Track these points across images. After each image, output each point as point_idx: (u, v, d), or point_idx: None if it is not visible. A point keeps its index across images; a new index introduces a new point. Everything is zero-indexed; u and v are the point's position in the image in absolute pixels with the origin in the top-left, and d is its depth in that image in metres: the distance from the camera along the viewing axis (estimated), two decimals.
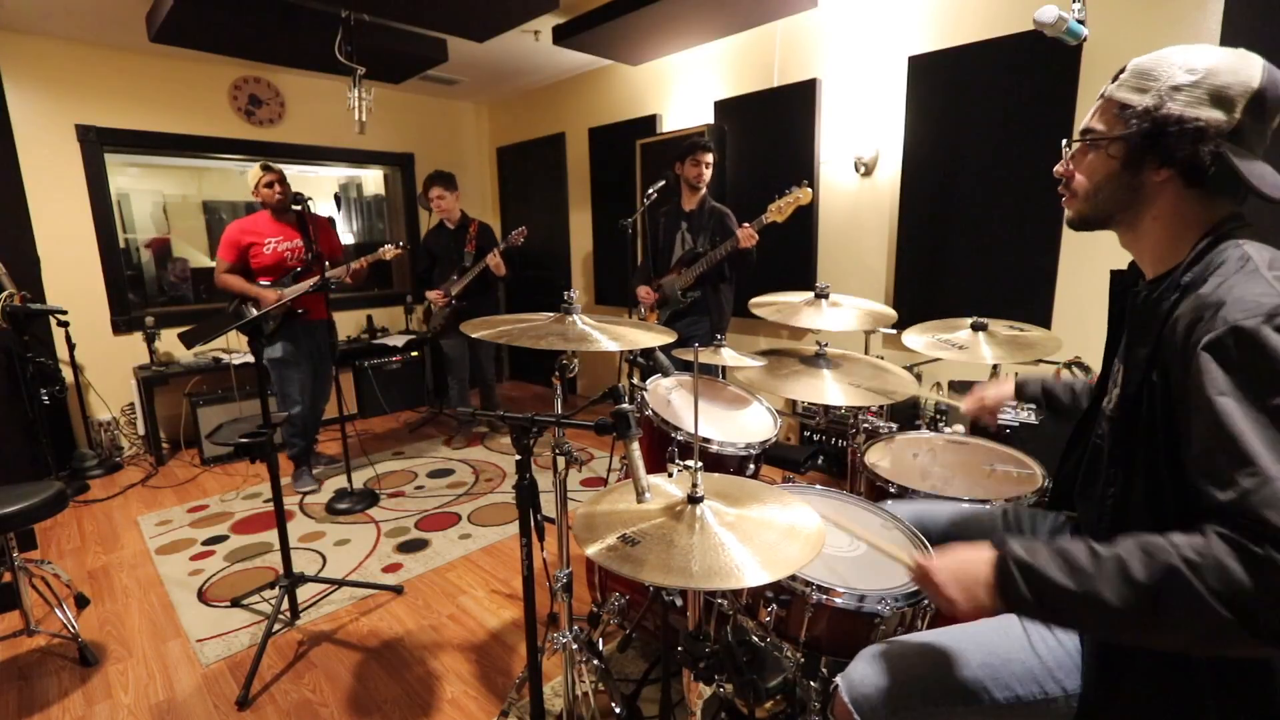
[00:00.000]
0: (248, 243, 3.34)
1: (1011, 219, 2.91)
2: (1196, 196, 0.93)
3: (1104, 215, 1.01)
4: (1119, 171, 0.96)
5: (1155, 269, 1.00)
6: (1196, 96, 0.87)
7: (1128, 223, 1.00)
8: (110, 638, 2.33)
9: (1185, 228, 0.95)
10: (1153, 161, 0.92)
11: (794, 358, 1.98)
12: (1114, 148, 0.95)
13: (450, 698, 1.99)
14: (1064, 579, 0.82)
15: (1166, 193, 0.94)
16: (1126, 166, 0.95)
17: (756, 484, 1.30)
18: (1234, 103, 0.86)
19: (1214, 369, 0.80)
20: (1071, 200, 1.05)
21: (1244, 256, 0.87)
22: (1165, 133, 0.89)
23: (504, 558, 2.83)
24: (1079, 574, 0.81)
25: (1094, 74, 2.60)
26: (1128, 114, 0.93)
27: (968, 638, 1.08)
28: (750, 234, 2.95)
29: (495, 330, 1.46)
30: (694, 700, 1.24)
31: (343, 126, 4.91)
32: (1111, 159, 0.96)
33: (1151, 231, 0.98)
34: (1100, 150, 0.98)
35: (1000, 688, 1.01)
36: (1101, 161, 0.98)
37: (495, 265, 3.96)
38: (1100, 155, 0.98)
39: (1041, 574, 0.83)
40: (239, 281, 3.35)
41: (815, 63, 3.57)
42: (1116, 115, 0.95)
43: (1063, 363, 2.68)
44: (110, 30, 3.77)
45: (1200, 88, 0.87)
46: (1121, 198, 0.98)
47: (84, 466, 3.91)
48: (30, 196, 3.81)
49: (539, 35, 4.00)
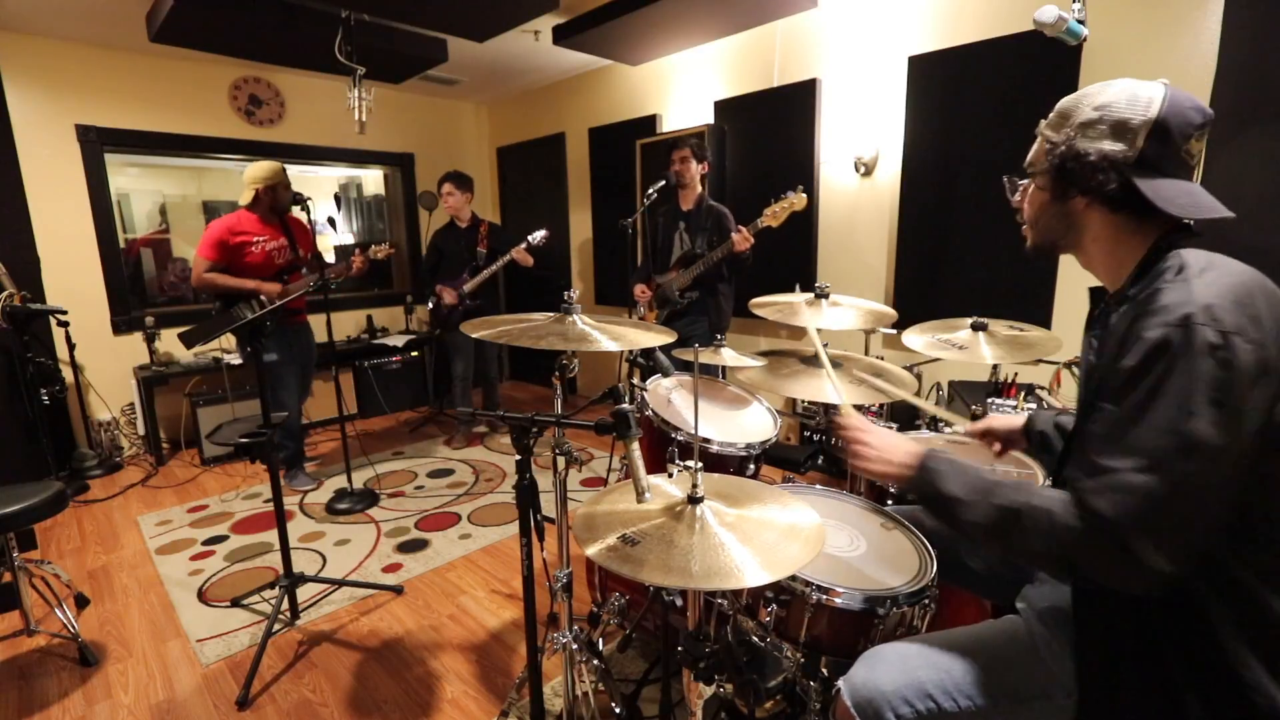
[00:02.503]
0: (237, 242, 3.26)
1: (1012, 219, 2.86)
2: (1127, 218, 0.98)
3: (1049, 242, 1.10)
4: (1050, 202, 1.05)
5: (1111, 285, 1.05)
6: (1100, 131, 0.95)
7: (1073, 247, 1.07)
8: (110, 638, 2.33)
9: (1125, 245, 1.00)
10: (1071, 191, 1.00)
11: (794, 358, 1.98)
12: (1041, 180, 1.05)
13: (450, 698, 1.99)
14: (954, 488, 0.99)
15: (1094, 217, 1.00)
16: (1055, 198, 1.03)
17: (756, 484, 1.30)
18: (1135, 133, 0.93)
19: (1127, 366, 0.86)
20: (1026, 230, 1.15)
21: (1180, 266, 0.90)
22: (1067, 167, 0.98)
23: (504, 558, 2.83)
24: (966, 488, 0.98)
25: (1094, 74, 2.60)
26: (1047, 150, 1.02)
27: (970, 640, 1.08)
28: (745, 237, 2.95)
29: (495, 330, 1.46)
30: (694, 700, 1.24)
31: (343, 126, 4.91)
32: (1042, 191, 1.06)
33: (1096, 253, 1.04)
34: (1036, 184, 1.08)
35: (1001, 689, 1.02)
36: (1037, 194, 1.08)
37: (521, 258, 4.01)
38: (1035, 189, 1.09)
39: (940, 474, 1.02)
40: (229, 280, 3.26)
41: (815, 63, 3.57)
42: (1042, 152, 1.04)
43: (1063, 363, 2.68)
44: (110, 30, 3.77)
45: (1103, 123, 0.95)
46: (1057, 225, 1.06)
47: (84, 466, 3.91)
48: (30, 196, 3.81)
49: (539, 35, 4.00)
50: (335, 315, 3.65)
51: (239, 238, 3.29)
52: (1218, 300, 0.82)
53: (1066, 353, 2.63)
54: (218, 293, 3.30)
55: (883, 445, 1.14)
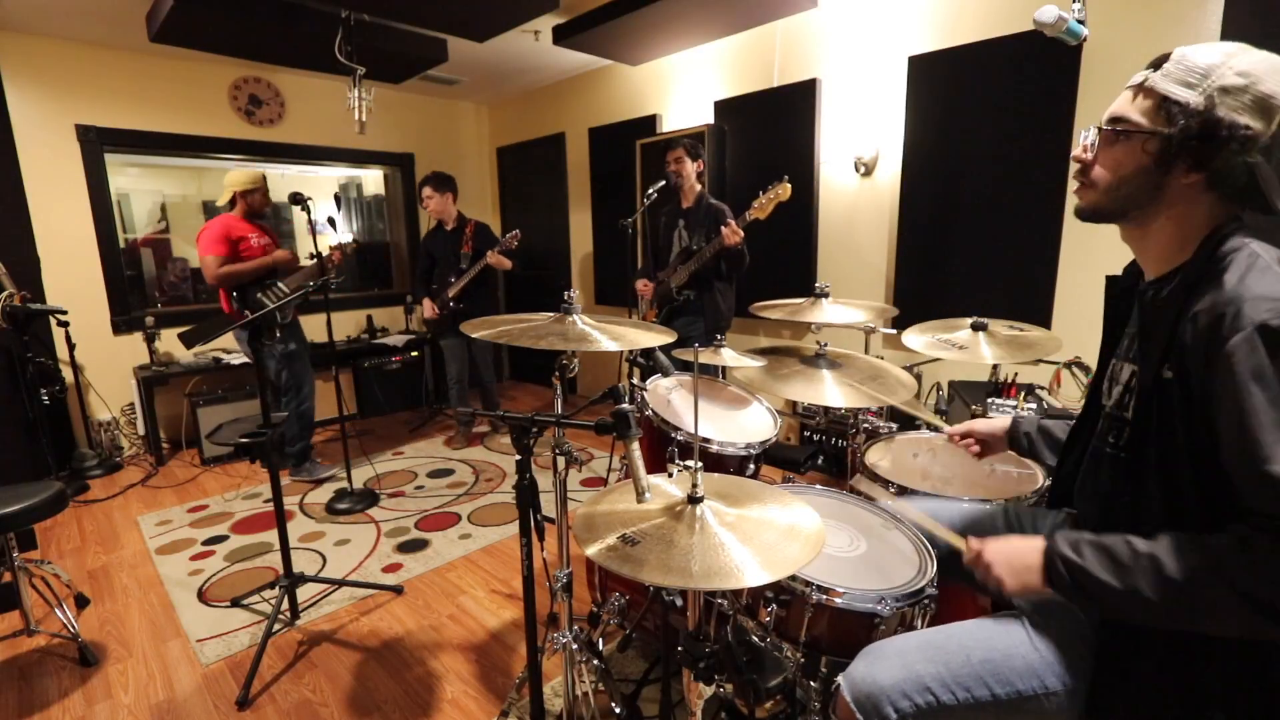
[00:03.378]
0: (237, 236, 3.41)
1: (1011, 219, 2.91)
2: (1212, 199, 0.91)
3: (1119, 210, 0.98)
4: (1149, 168, 0.91)
5: (1159, 268, 1.00)
6: (1244, 102, 0.84)
7: (1139, 220, 0.98)
8: (110, 638, 2.33)
9: (1193, 228, 0.94)
10: (1187, 162, 0.88)
11: (794, 358, 1.98)
12: (1151, 144, 0.90)
13: (450, 698, 1.99)
14: (1106, 575, 0.87)
15: (1188, 195, 0.92)
16: (1159, 165, 0.90)
17: (756, 484, 1.30)
18: (1274, 113, 0.84)
19: (1242, 368, 0.80)
20: (1086, 191, 1.01)
21: (1253, 254, 0.87)
22: (1214, 136, 0.84)
23: (504, 558, 2.83)
24: (1120, 570, 0.86)
25: (1094, 74, 2.60)
26: (1174, 110, 0.87)
27: (968, 635, 1.08)
28: (734, 230, 2.94)
29: (495, 330, 1.46)
30: (694, 700, 1.24)
31: (343, 126, 4.90)
32: (1145, 154, 0.91)
33: (1162, 231, 0.97)
34: (1132, 143, 0.92)
35: (1001, 684, 1.02)
36: (1131, 155, 0.93)
37: (496, 262, 3.99)
38: (1131, 148, 0.92)
39: (1085, 570, 0.89)
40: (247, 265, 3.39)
41: (815, 63, 3.57)
42: (1159, 109, 0.89)
43: (1063, 363, 2.68)
44: (110, 30, 3.77)
45: (1249, 93, 0.84)
46: (1142, 195, 0.94)
47: (84, 466, 3.91)
48: (30, 196, 3.81)
49: (539, 35, 4.00)
50: (335, 315, 3.65)
51: (237, 233, 3.41)
52: None
53: (1066, 353, 2.64)
54: (238, 281, 3.41)
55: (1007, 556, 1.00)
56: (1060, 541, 0.93)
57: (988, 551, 1.02)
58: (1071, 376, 2.68)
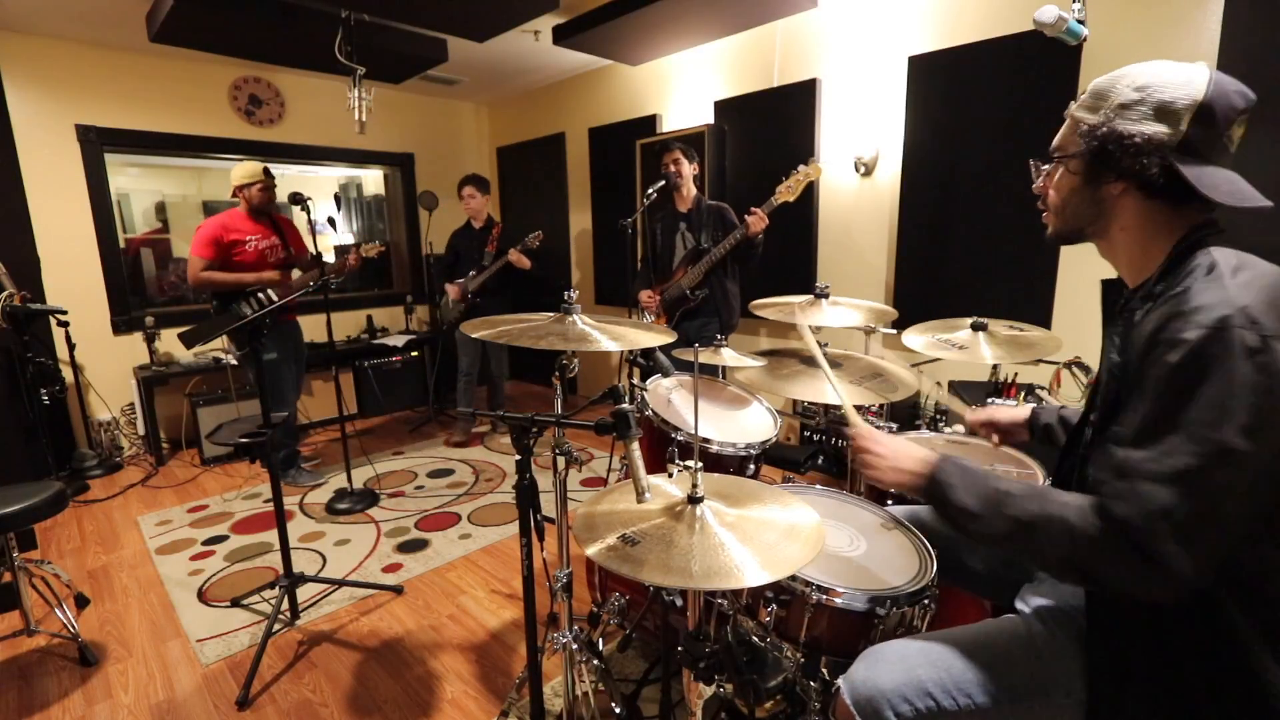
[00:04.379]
0: (230, 239, 3.31)
1: (1011, 219, 2.91)
2: (1160, 207, 0.95)
3: (1075, 229, 1.06)
4: (1081, 186, 1.01)
5: (1133, 278, 1.03)
6: (1141, 113, 0.91)
7: (1099, 235, 1.04)
8: (110, 638, 2.33)
9: (1154, 237, 0.97)
10: (1108, 176, 0.96)
11: (794, 358, 1.98)
12: (1073, 164, 1.00)
13: (450, 698, 1.99)
14: (967, 499, 0.99)
15: (1127, 204, 0.97)
16: (1087, 182, 0.99)
17: (756, 484, 1.30)
18: (1179, 116, 0.89)
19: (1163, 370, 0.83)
20: (1048, 216, 1.10)
21: (1210, 264, 0.88)
22: (1107, 149, 0.93)
23: (504, 558, 2.83)
24: (979, 499, 0.97)
25: (1094, 74, 2.58)
26: (1082, 132, 0.97)
27: (970, 640, 1.08)
28: (760, 218, 2.90)
29: (495, 330, 1.46)
30: (694, 700, 1.24)
31: (343, 126, 4.91)
32: (1073, 175, 1.01)
33: (1122, 242, 1.01)
34: (1065, 167, 1.03)
35: (1000, 687, 1.02)
36: (1066, 178, 1.03)
37: (517, 260, 4.14)
38: (1065, 172, 1.03)
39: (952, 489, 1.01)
40: (227, 275, 3.30)
41: (815, 63, 3.57)
42: (1074, 133, 1.00)
43: (1063, 363, 2.68)
44: (110, 30, 3.77)
45: (1145, 104, 0.91)
46: (1086, 211, 1.02)
47: (84, 466, 3.91)
48: (30, 196, 3.81)
49: (539, 35, 4.00)
50: (335, 315, 3.65)
51: (231, 235, 3.32)
52: (1254, 302, 0.80)
53: (1066, 353, 2.64)
54: (215, 290, 3.33)
55: (893, 453, 1.12)
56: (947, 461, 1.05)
57: (881, 442, 1.14)
58: (1071, 376, 2.68)
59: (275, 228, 3.47)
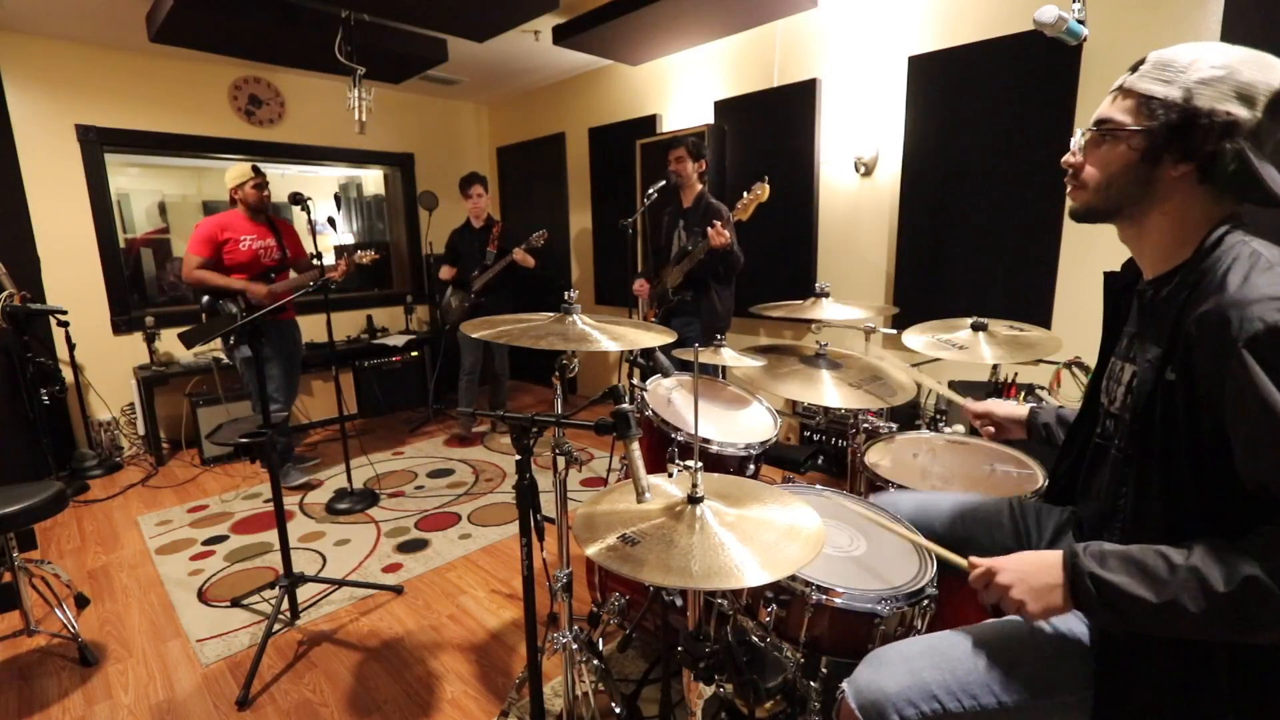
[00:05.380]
0: (224, 238, 3.32)
1: (1011, 219, 2.91)
2: (1206, 194, 0.92)
3: (1112, 208, 1.00)
4: (1136, 164, 0.94)
5: (1156, 267, 1.00)
6: (1223, 91, 0.86)
7: (1133, 217, 0.99)
8: (110, 638, 2.33)
9: (1190, 225, 0.94)
10: (1173, 155, 0.90)
11: (794, 357, 1.98)
12: (1135, 140, 0.93)
13: (450, 698, 1.99)
14: (1142, 591, 0.84)
15: (1180, 188, 0.93)
16: (1145, 159, 0.93)
17: (756, 484, 1.30)
18: (1257, 101, 0.85)
19: (1258, 368, 0.79)
20: (1079, 191, 1.03)
21: (1254, 253, 0.87)
22: (1195, 125, 0.87)
23: (504, 558, 2.83)
24: (1157, 585, 0.83)
25: (1094, 74, 2.60)
26: (1154, 105, 0.90)
27: (975, 641, 1.07)
28: (718, 232, 2.94)
29: (495, 330, 1.46)
30: (694, 700, 1.24)
31: (343, 126, 4.91)
32: (1131, 151, 0.94)
33: (1157, 227, 0.97)
34: (1119, 142, 0.95)
35: (1008, 691, 1.01)
36: (1119, 153, 0.95)
37: (522, 259, 4.13)
38: (1118, 147, 0.95)
39: (1116, 586, 0.86)
40: (217, 277, 3.30)
41: (815, 63, 3.56)
42: (1139, 107, 0.92)
43: (1063, 363, 2.68)
44: (110, 30, 3.77)
45: (1227, 83, 0.86)
46: (1133, 191, 0.96)
47: (84, 466, 3.91)
48: (30, 196, 3.81)
49: (539, 35, 4.00)
50: (335, 315, 3.65)
51: (226, 233, 3.33)
52: None
53: (1066, 353, 2.64)
54: (206, 289, 3.33)
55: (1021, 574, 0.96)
56: (1085, 557, 0.89)
57: (1003, 572, 0.97)
58: (1071, 376, 2.68)
59: (272, 229, 3.48)
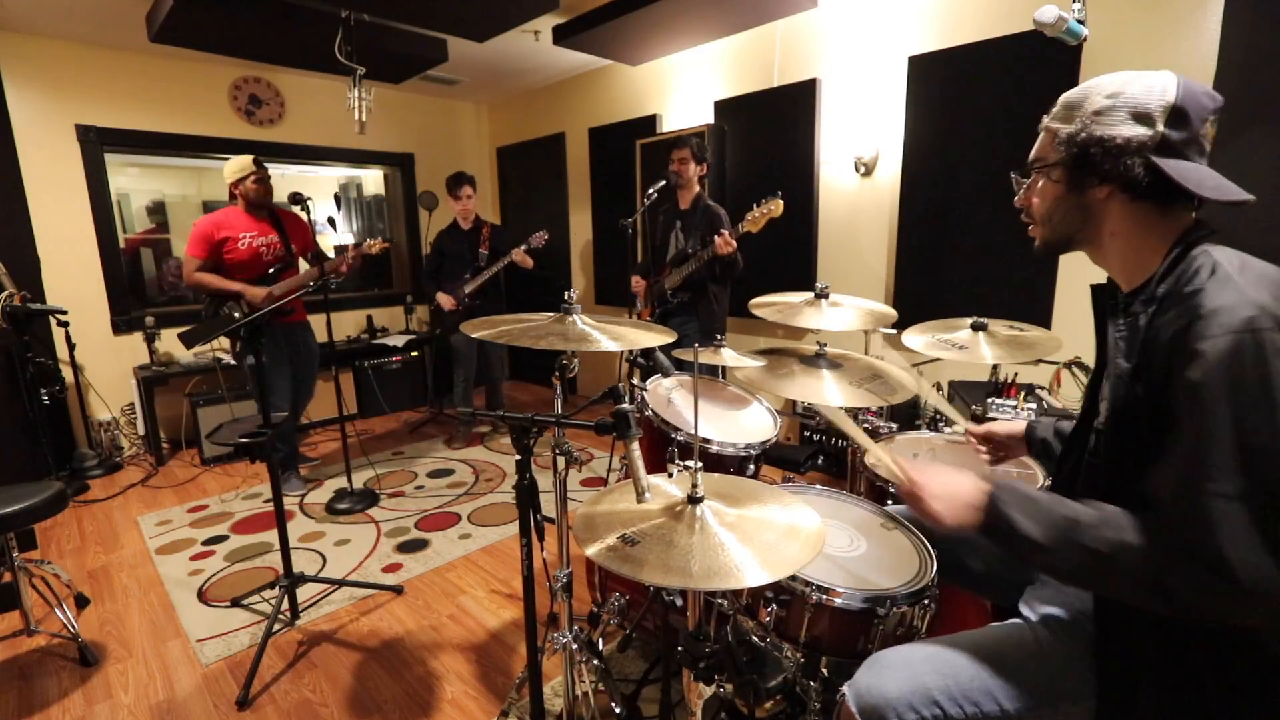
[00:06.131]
0: (221, 237, 3.22)
1: (1012, 219, 2.87)
2: (1148, 208, 0.95)
3: (1064, 237, 1.06)
4: (1065, 194, 1.01)
5: (1129, 283, 1.02)
6: (1117, 117, 0.93)
7: (1089, 241, 1.04)
8: (110, 638, 2.33)
9: (1146, 240, 0.97)
10: (1091, 180, 0.97)
11: (794, 358, 1.98)
12: (1055, 173, 1.01)
13: (450, 698, 1.99)
14: (1034, 530, 0.93)
15: (1114, 208, 0.98)
16: (1071, 189, 1.00)
17: (756, 484, 1.30)
18: (1154, 118, 0.91)
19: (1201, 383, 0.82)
20: (1035, 228, 1.11)
21: (1214, 264, 0.88)
22: (1089, 153, 0.94)
23: (504, 558, 2.83)
24: (1047, 529, 0.92)
25: (1094, 74, 2.58)
26: (1060, 141, 0.99)
27: (975, 645, 1.07)
28: (726, 241, 2.94)
29: (495, 330, 1.46)
30: (694, 700, 1.24)
31: (343, 126, 4.91)
32: (1056, 184, 1.02)
33: (1114, 248, 1.01)
34: (1046, 176, 1.04)
35: (1009, 697, 1.01)
36: (1049, 187, 1.04)
37: (521, 260, 4.07)
38: (1047, 181, 1.04)
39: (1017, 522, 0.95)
40: (217, 280, 3.23)
41: (815, 63, 3.57)
42: (1052, 144, 1.01)
43: (1063, 363, 2.68)
44: (110, 30, 3.77)
45: (1119, 109, 0.93)
46: (1074, 218, 1.02)
47: (84, 466, 3.91)
48: (30, 196, 3.81)
49: (539, 35, 4.00)
50: (335, 315, 3.65)
51: (223, 232, 3.24)
52: (1271, 299, 0.81)
53: (1066, 353, 2.64)
54: (207, 291, 3.28)
55: (944, 490, 1.04)
56: (1003, 489, 0.99)
57: (927, 483, 1.06)
58: (1071, 376, 2.68)
59: (276, 223, 3.39)
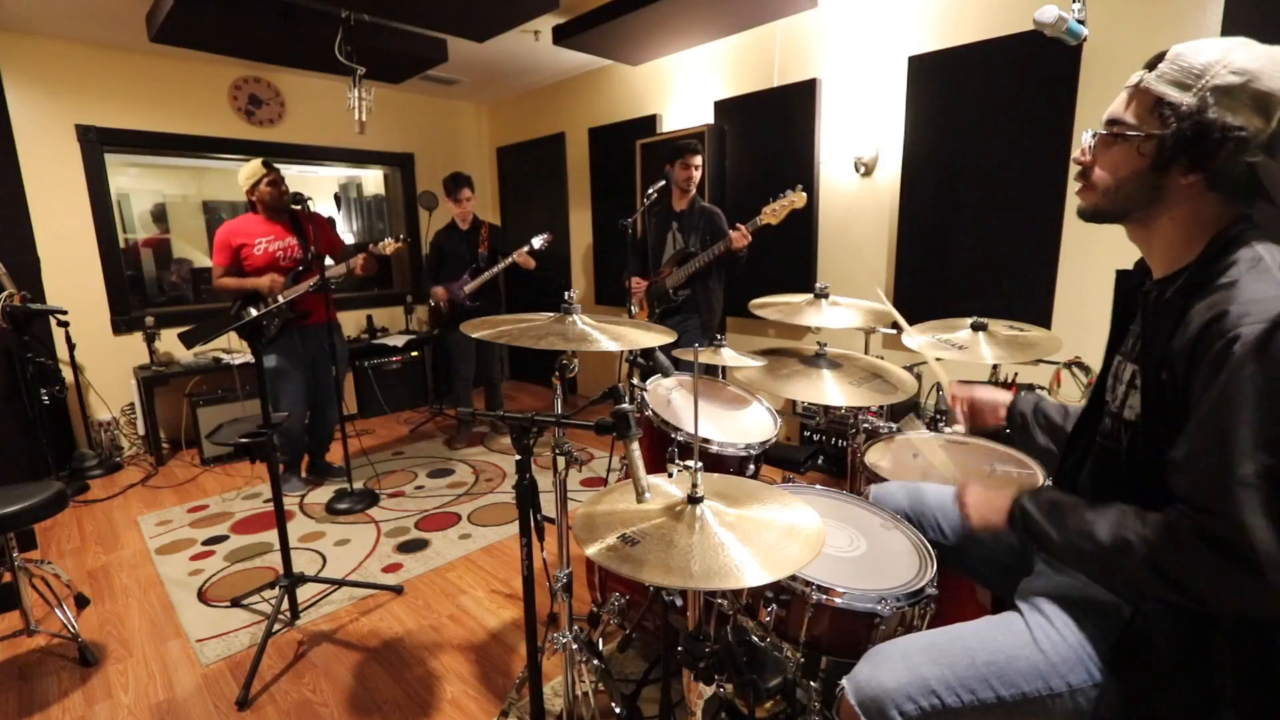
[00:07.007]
0: (238, 244, 3.28)
1: (1011, 219, 2.91)
2: (1215, 200, 0.92)
3: (1120, 212, 0.99)
4: (1146, 170, 0.92)
5: (1165, 268, 1.00)
6: (1241, 101, 0.83)
7: (1142, 220, 0.99)
8: (110, 638, 2.33)
9: (1199, 229, 0.94)
10: (1183, 164, 0.88)
11: (794, 357, 1.98)
12: (1146, 145, 0.91)
13: (450, 698, 1.99)
14: (1052, 531, 1.00)
15: (1189, 195, 0.92)
16: (1155, 166, 0.91)
17: (756, 484, 1.30)
18: (1273, 112, 0.83)
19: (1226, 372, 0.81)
20: (1088, 193, 1.02)
21: (1255, 257, 0.87)
22: (1207, 138, 0.84)
23: (504, 558, 2.83)
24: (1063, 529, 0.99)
25: (1094, 74, 2.60)
26: (1167, 112, 0.88)
27: (972, 636, 1.08)
28: (744, 234, 2.96)
29: (495, 330, 1.46)
30: (694, 700, 1.24)
31: (343, 126, 4.91)
32: (1141, 156, 0.92)
33: (1165, 231, 0.97)
34: (1129, 145, 0.93)
35: (1006, 685, 1.02)
36: (1128, 157, 0.93)
37: (524, 261, 4.06)
38: (1128, 150, 0.93)
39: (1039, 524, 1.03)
40: (235, 281, 3.31)
41: (815, 63, 3.56)
42: (1153, 110, 0.90)
43: (1063, 363, 2.68)
44: (110, 30, 3.77)
45: (1245, 91, 0.83)
46: (1142, 196, 0.95)
47: (84, 466, 3.91)
48: (30, 196, 3.80)
49: (539, 35, 4.00)
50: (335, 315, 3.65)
51: (239, 239, 3.30)
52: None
53: (1066, 353, 2.64)
54: (229, 294, 3.36)
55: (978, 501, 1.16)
56: (1026, 498, 1.06)
57: (968, 493, 1.17)
58: (1071, 376, 2.68)
59: (295, 226, 3.38)
